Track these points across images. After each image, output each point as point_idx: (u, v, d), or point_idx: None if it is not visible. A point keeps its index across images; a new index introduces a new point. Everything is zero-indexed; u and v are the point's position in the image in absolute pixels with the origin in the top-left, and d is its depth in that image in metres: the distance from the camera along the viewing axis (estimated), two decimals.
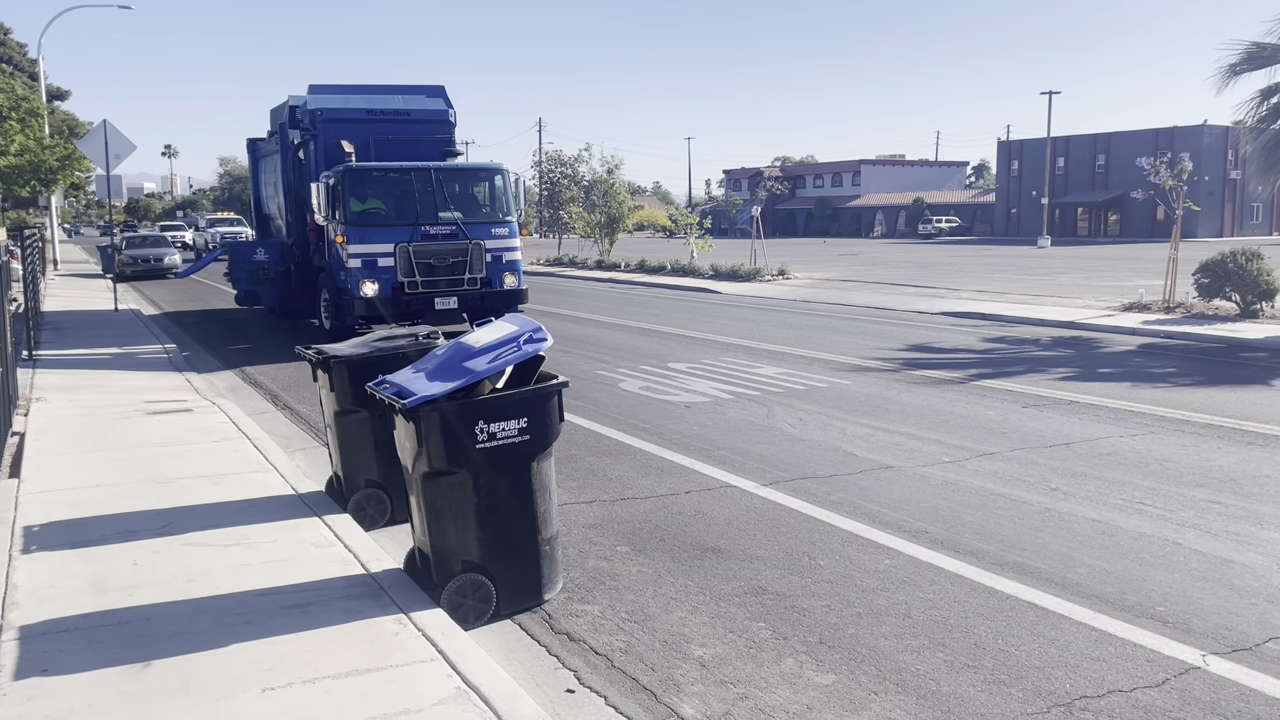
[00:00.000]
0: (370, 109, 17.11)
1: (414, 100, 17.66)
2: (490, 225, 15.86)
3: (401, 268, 15.02)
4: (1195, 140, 62.72)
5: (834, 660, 4.66)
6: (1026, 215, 75.68)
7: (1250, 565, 5.75)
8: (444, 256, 15.29)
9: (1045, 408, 10.28)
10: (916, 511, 6.82)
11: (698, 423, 9.77)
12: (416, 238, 15.12)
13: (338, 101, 17.11)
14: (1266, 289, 17.10)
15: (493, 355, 5.11)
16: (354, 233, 15.02)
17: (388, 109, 17.25)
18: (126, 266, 34.11)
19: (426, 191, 15.50)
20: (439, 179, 15.66)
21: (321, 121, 16.71)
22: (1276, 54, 17.08)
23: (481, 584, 5.12)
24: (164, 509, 6.62)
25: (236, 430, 9.14)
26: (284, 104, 18.48)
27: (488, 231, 15.74)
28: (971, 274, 32.15)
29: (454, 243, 15.36)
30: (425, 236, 15.19)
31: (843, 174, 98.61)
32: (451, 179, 15.94)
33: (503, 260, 15.84)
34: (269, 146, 20.58)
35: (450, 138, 17.68)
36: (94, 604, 5.03)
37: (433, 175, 15.63)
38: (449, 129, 17.68)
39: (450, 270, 15.36)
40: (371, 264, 14.93)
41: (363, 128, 16.82)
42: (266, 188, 21.48)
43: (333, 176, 15.40)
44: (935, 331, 17.14)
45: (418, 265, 15.07)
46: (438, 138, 17.43)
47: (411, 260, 15.04)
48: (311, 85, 17.17)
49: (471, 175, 16.49)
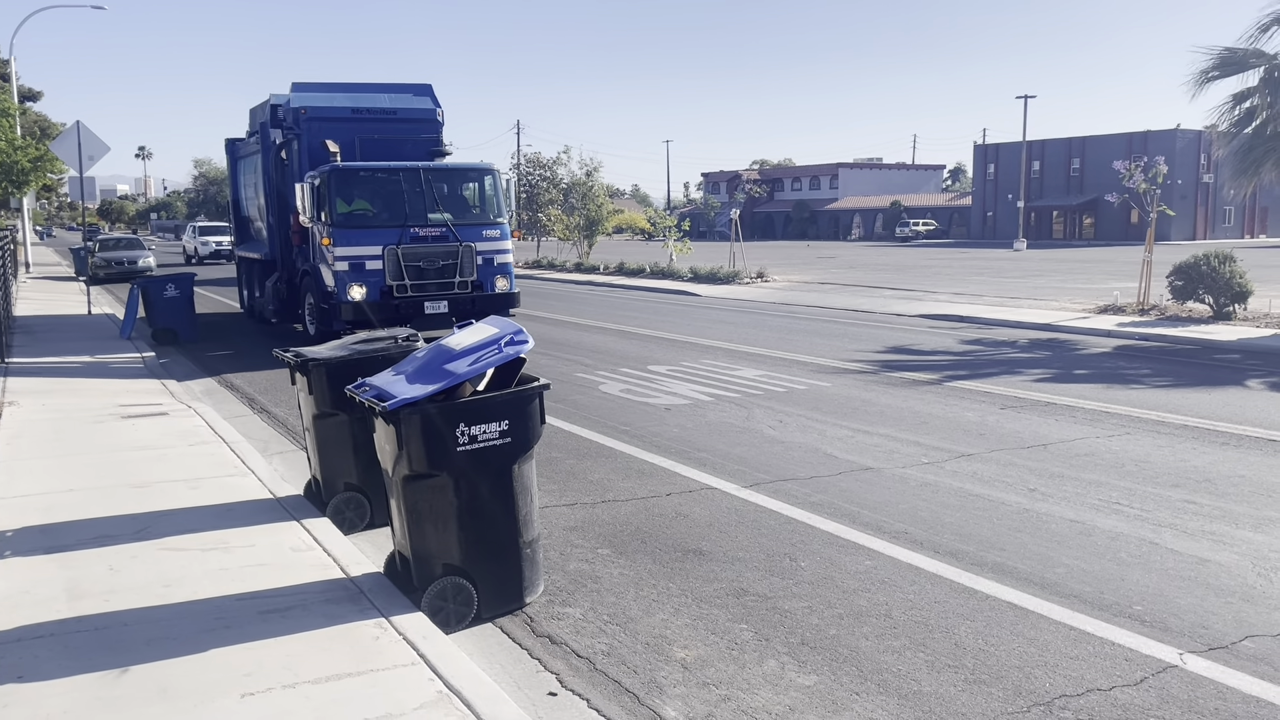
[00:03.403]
0: (356, 107, 16.60)
1: (401, 99, 17.19)
2: (481, 227, 15.41)
3: (390, 271, 14.56)
4: (1168, 144, 63.36)
5: (816, 661, 4.67)
6: (1003, 218, 76.23)
7: (1225, 564, 5.81)
8: (434, 259, 14.83)
9: (1023, 409, 10.35)
10: (896, 512, 6.85)
11: (678, 425, 9.78)
12: (405, 240, 14.64)
13: (322, 100, 16.61)
14: (1239, 291, 17.29)
15: (474, 358, 5.09)
16: (341, 235, 14.57)
17: (374, 108, 16.74)
18: (100, 269, 33.80)
19: (415, 192, 15.05)
20: (428, 179, 15.20)
21: (305, 120, 16.19)
22: (1248, 60, 17.30)
23: (463, 587, 5.10)
24: (140, 513, 6.56)
25: (213, 434, 9.06)
26: (265, 103, 18.00)
27: (479, 233, 15.29)
28: (948, 276, 32.34)
29: (444, 245, 14.90)
30: (415, 239, 14.72)
31: (820, 177, 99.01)
32: (441, 179, 15.49)
33: (494, 263, 15.38)
34: (249, 147, 20.05)
35: (438, 137, 17.16)
36: (70, 610, 4.97)
37: (422, 175, 15.17)
38: (437, 128, 17.18)
39: (440, 273, 14.90)
40: (359, 267, 14.49)
41: (348, 126, 16.31)
42: (246, 189, 20.95)
43: (318, 177, 14.96)
44: (913, 334, 17.23)
45: (407, 268, 14.62)
46: (425, 137, 16.92)
47: (400, 263, 14.57)
48: (295, 83, 16.71)
49: (461, 176, 16.05)
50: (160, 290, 17.32)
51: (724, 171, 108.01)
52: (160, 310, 17.25)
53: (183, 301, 17.38)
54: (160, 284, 17.49)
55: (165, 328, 17.07)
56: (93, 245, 35.24)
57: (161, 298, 17.28)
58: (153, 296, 17.30)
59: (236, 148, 21.31)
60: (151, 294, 17.32)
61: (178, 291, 17.37)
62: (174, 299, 17.34)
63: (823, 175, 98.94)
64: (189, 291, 17.51)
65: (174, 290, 17.37)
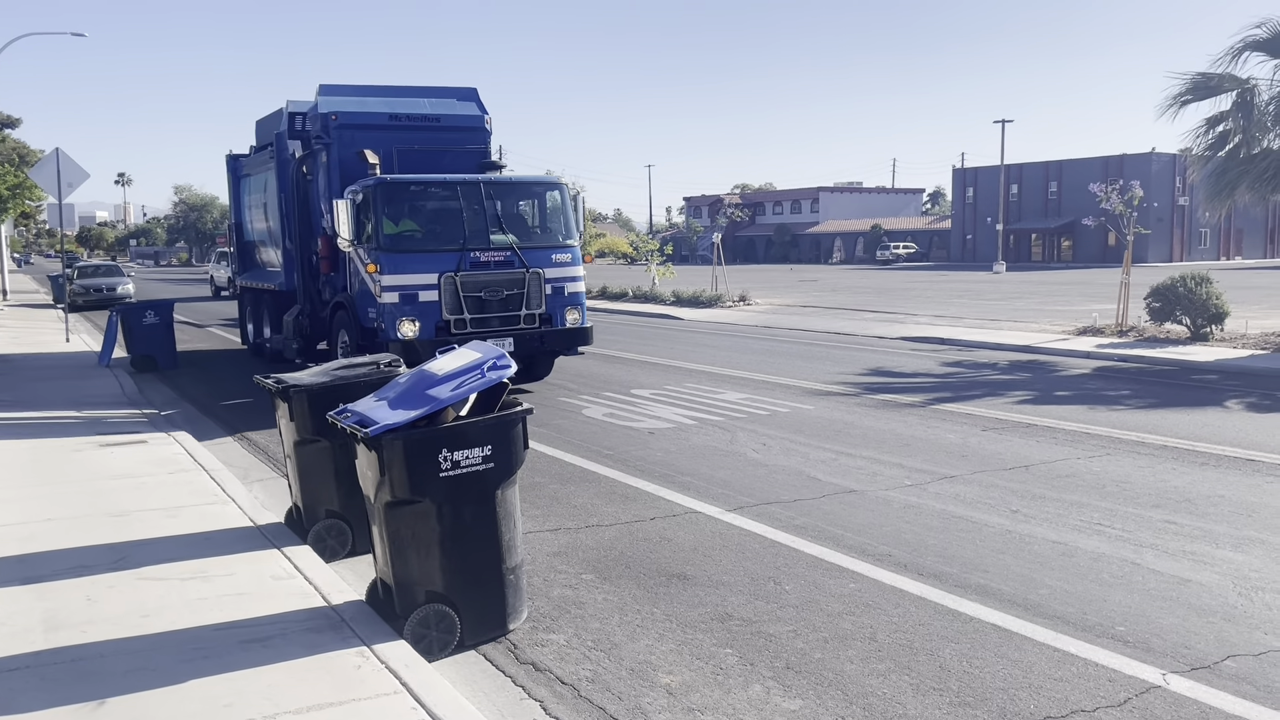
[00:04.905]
0: (394, 113, 14.52)
1: (443, 104, 15.07)
2: (550, 250, 13.38)
3: (447, 303, 12.49)
4: (1144, 168, 64.14)
5: (801, 685, 4.65)
6: (982, 241, 76.89)
7: (1207, 584, 5.84)
8: (497, 288, 12.77)
9: (1004, 431, 10.40)
10: (880, 535, 6.85)
11: (662, 449, 9.77)
12: (465, 266, 12.57)
13: (354, 104, 14.50)
14: (1216, 312, 17.46)
15: (456, 383, 5.08)
16: (390, 260, 12.47)
17: (414, 114, 14.66)
18: (79, 296, 33.61)
19: (475, 210, 13.03)
20: (490, 194, 13.23)
21: (336, 128, 14.12)
22: (1222, 84, 17.56)
23: (445, 614, 5.06)
24: (118, 543, 6.49)
25: (193, 461, 8.99)
26: (278, 113, 16.32)
27: (547, 258, 13.24)
28: (929, 299, 32.54)
29: (509, 272, 12.86)
30: (475, 264, 12.66)
31: (802, 201, 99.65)
32: (503, 195, 13.57)
33: (564, 292, 13.34)
34: (256, 163, 18.03)
35: (486, 148, 15.06)
36: (46, 641, 4.90)
37: (483, 190, 13.17)
38: (485, 138, 15.04)
39: (504, 305, 12.84)
40: (411, 298, 12.39)
41: (383, 135, 14.28)
42: (252, 211, 18.77)
43: (361, 191, 12.92)
44: (895, 356, 17.30)
45: (466, 299, 12.56)
46: (471, 148, 14.79)
47: (459, 293, 12.52)
48: (322, 85, 14.67)
49: (526, 190, 14.15)
50: (139, 317, 17.19)
51: (706, 195, 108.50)
52: (139, 337, 17.12)
53: (162, 328, 17.25)
54: (139, 311, 17.36)
55: (144, 355, 16.94)
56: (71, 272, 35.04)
57: (140, 325, 17.15)
58: (132, 323, 17.17)
59: (239, 165, 19.37)
60: (130, 321, 17.20)
61: (157, 318, 17.24)
62: (153, 326, 17.20)
63: (804, 199, 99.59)
64: (168, 318, 17.39)
65: (153, 317, 17.22)
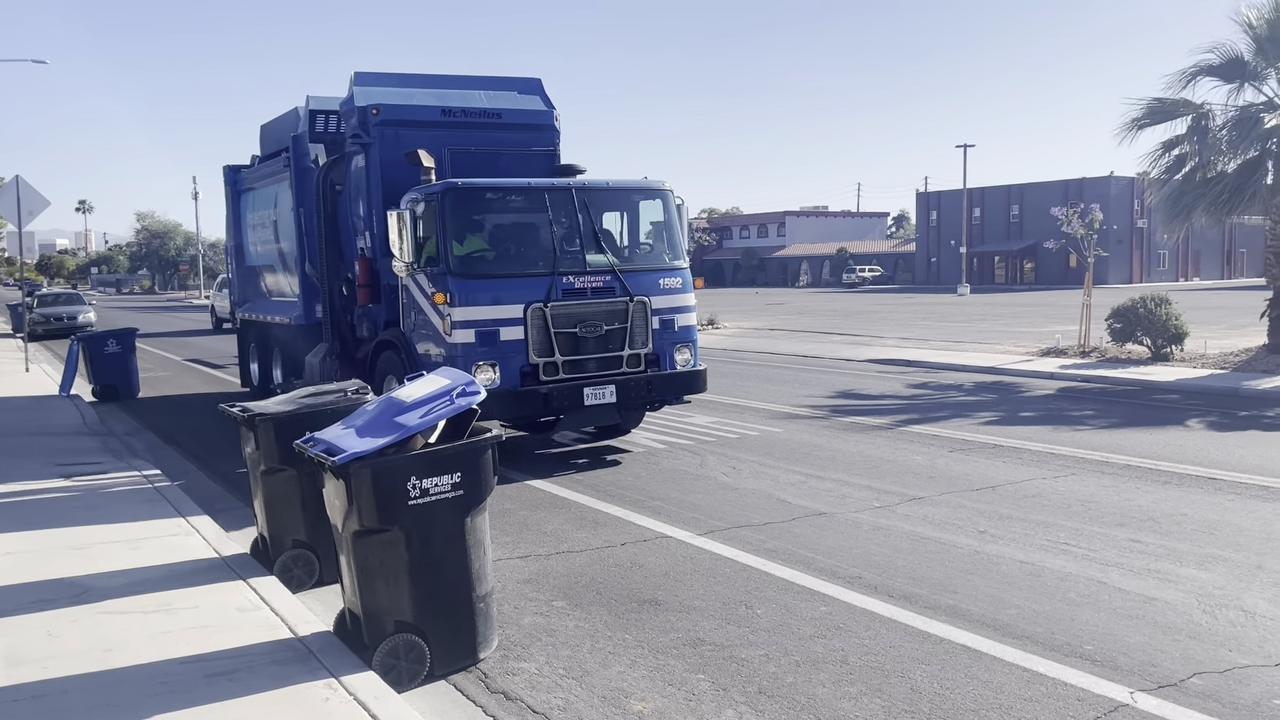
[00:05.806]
0: (446, 108, 11.71)
1: (503, 97, 12.24)
2: (658, 274, 10.75)
3: (536, 342, 9.87)
4: (1103, 191, 65.30)
5: (773, 710, 4.64)
6: (946, 264, 77.77)
7: (1172, 602, 5.91)
8: (595, 323, 10.10)
9: (971, 452, 10.49)
10: (850, 557, 6.88)
11: (632, 473, 9.76)
12: (556, 294, 9.96)
13: (399, 96, 11.63)
14: (1175, 333, 17.75)
15: (425, 410, 5.06)
16: (463, 288, 9.80)
17: (470, 108, 11.87)
18: (39, 325, 33.14)
19: (565, 224, 10.46)
20: (582, 204, 10.49)
21: (378, 125, 11.26)
22: (1177, 109, 17.94)
23: (415, 644, 5.01)
24: (79, 576, 6.37)
25: (155, 492, 8.86)
26: (292, 113, 13.84)
27: (654, 283, 10.63)
28: (895, 321, 32.82)
29: (608, 301, 10.23)
30: (569, 292, 10.06)
31: (768, 225, 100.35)
32: (598, 204, 10.76)
33: (675, 326, 10.75)
34: (262, 174, 15.09)
35: (555, 150, 12.24)
36: (6, 677, 4.80)
37: (575, 199, 10.45)
38: (553, 137, 12.26)
39: (603, 344, 10.18)
40: (490, 337, 9.78)
41: (434, 134, 11.40)
42: (256, 230, 15.65)
43: (424, 200, 10.10)
44: (862, 378, 17.42)
45: (558, 337, 9.93)
46: (537, 149, 12.04)
47: (549, 330, 9.90)
48: (358, 73, 11.82)
49: (624, 198, 11.17)
50: (101, 346, 16.99)
51: None
52: (101, 366, 16.89)
53: (124, 357, 17.04)
54: (101, 340, 17.16)
55: (107, 384, 16.71)
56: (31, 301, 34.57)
57: (102, 354, 16.93)
58: (93, 352, 16.95)
59: (240, 178, 16.22)
60: (92, 350, 16.99)
61: (119, 347, 17.04)
62: (115, 355, 16.99)
63: (770, 223, 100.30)
64: (131, 346, 17.19)
65: (115, 346, 17.02)
